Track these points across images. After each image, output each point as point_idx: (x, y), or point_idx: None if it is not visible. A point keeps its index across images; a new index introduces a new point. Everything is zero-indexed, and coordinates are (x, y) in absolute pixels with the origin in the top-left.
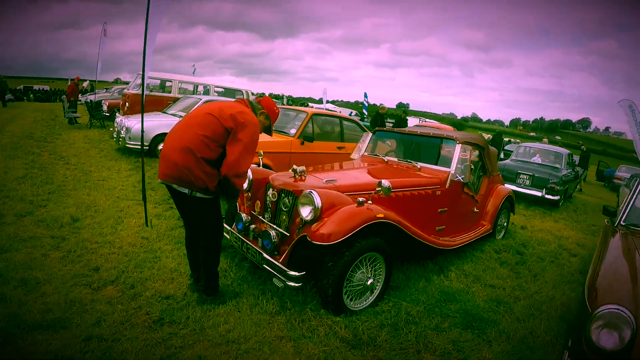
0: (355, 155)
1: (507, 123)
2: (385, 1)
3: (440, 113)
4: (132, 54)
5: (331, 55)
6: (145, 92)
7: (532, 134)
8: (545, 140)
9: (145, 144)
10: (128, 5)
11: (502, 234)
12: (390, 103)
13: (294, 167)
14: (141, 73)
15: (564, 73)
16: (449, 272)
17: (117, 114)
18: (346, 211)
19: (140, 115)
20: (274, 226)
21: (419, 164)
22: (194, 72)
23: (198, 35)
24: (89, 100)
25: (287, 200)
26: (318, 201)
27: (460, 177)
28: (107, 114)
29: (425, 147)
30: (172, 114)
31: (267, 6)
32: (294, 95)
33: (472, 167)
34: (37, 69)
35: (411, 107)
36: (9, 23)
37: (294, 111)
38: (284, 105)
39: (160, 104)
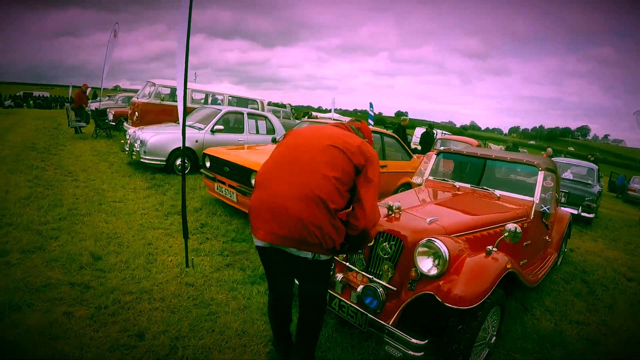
0: (418, 179)
1: (505, 131)
2: (381, 9)
3: (439, 121)
4: (131, 62)
5: (329, 63)
6: (156, 101)
7: (531, 142)
8: (550, 149)
9: (161, 158)
10: (125, 15)
11: (560, 259)
12: (389, 111)
13: (389, 203)
14: (151, 81)
15: (562, 80)
16: (533, 309)
17: (124, 124)
18: (477, 264)
19: (156, 126)
20: (375, 279)
21: (497, 192)
22: (195, 80)
23: (197, 43)
24: (92, 109)
25: (387, 246)
26: (445, 252)
27: (545, 208)
28: (113, 124)
29: (499, 172)
30: (190, 126)
31: (265, 15)
32: (293, 104)
33: (557, 195)
34: (36, 75)
35: (410, 116)
36: (9, 30)
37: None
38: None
39: (171, 114)
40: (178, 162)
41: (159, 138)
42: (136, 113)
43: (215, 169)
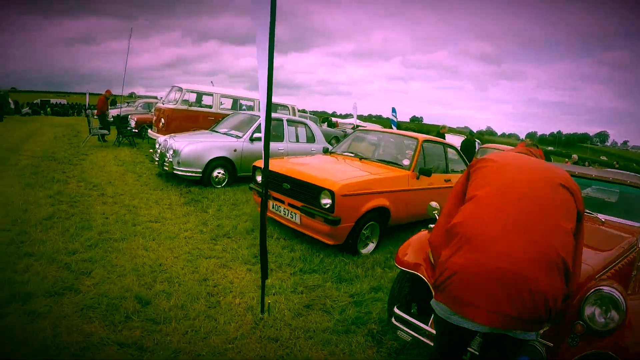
0: None
1: (522, 136)
2: (393, 15)
3: (455, 127)
4: (145, 69)
5: (343, 69)
6: (183, 107)
7: (549, 148)
8: (575, 156)
9: (197, 170)
10: (142, 21)
11: None
12: (404, 117)
13: None
14: (178, 86)
15: (577, 85)
16: None
17: (149, 131)
18: None
19: (188, 134)
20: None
21: (600, 216)
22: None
23: (211, 49)
24: (113, 115)
25: None
26: (623, 302)
27: None
28: (135, 131)
29: (600, 193)
30: (224, 133)
31: (279, 21)
32: (308, 109)
33: None
34: (52, 83)
35: (425, 121)
36: (25, 38)
37: (398, 136)
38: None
39: (198, 121)
40: (216, 173)
41: (194, 147)
42: (162, 120)
43: (271, 184)
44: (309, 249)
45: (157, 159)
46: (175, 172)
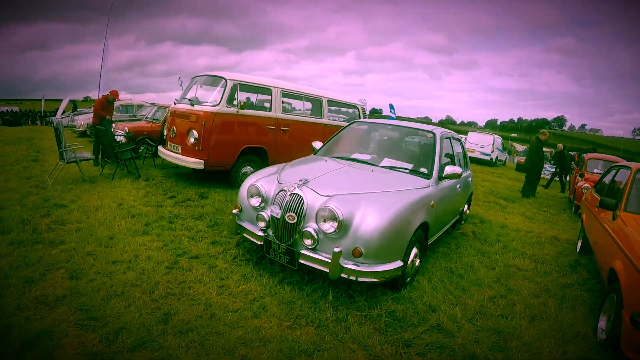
0: None
1: (481, 124)
2: (345, 10)
3: (415, 117)
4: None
5: (299, 64)
6: (230, 110)
7: (513, 135)
8: (560, 145)
9: (392, 266)
10: (95, 26)
11: None
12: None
13: None
14: (217, 75)
15: (530, 71)
16: None
17: (162, 150)
18: None
19: (296, 166)
20: None
21: None
22: (180, 85)
23: (166, 51)
24: (85, 126)
25: None
26: None
27: None
28: (127, 149)
29: None
30: (362, 161)
31: (232, 20)
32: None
33: None
34: (6, 91)
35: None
36: None
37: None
38: None
39: (250, 133)
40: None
41: (394, 214)
42: (191, 131)
43: None
44: None
45: (269, 236)
46: (342, 275)
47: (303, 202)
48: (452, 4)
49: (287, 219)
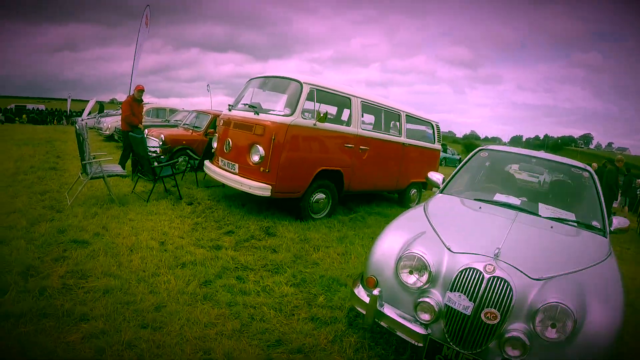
0: None
1: (505, 139)
2: (370, 22)
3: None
4: (126, 76)
5: (323, 75)
6: (306, 123)
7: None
8: (595, 165)
9: None
10: (123, 29)
11: None
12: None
13: None
14: (292, 79)
15: (553, 87)
16: None
17: (209, 166)
18: None
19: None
20: None
21: None
22: (209, 91)
23: (192, 57)
24: (113, 129)
25: None
26: None
27: None
28: (172, 168)
29: None
30: (484, 201)
31: (258, 29)
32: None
33: None
34: (33, 89)
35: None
36: (8, 44)
37: None
38: None
39: (330, 152)
40: None
41: (621, 304)
42: (258, 147)
43: None
44: None
45: (413, 326)
46: None
47: (511, 292)
48: (477, 18)
49: (483, 317)
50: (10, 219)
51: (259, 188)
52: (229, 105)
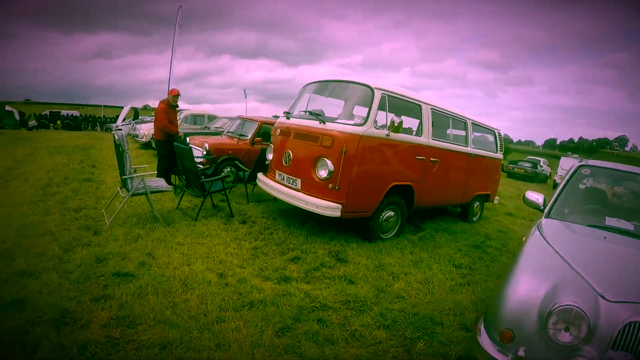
0: None
1: (538, 143)
2: (400, 26)
3: None
4: (159, 82)
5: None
6: (379, 134)
7: (574, 155)
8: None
9: None
10: (154, 37)
11: None
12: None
13: None
14: (365, 85)
15: (586, 88)
16: None
17: (263, 179)
18: None
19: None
20: None
21: None
22: (245, 97)
23: (223, 63)
24: (150, 136)
25: None
26: None
27: None
28: (223, 182)
29: None
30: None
31: (289, 35)
32: None
33: None
34: (67, 95)
35: None
36: (44, 53)
37: None
38: None
39: (405, 163)
40: None
41: None
42: (326, 161)
43: None
44: None
45: None
46: None
47: None
48: (506, 21)
49: None
50: (40, 242)
51: (327, 208)
52: (286, 112)
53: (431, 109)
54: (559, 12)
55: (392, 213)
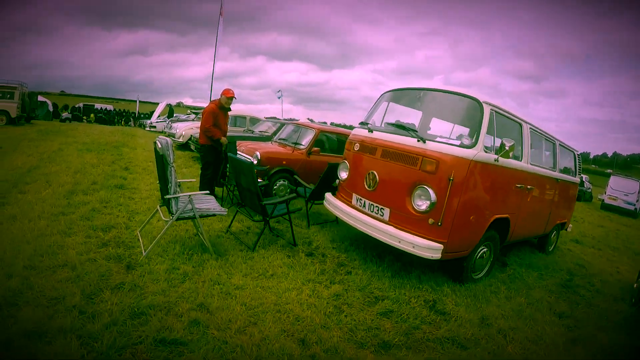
0: None
1: None
2: (434, 34)
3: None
4: (194, 80)
5: (386, 86)
6: (492, 160)
7: (608, 170)
8: None
9: None
10: (191, 37)
11: None
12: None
13: None
14: (477, 100)
15: (621, 102)
16: None
17: (331, 201)
18: None
19: None
20: None
21: None
22: (279, 98)
23: (257, 65)
24: (188, 137)
25: None
26: None
27: None
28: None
29: None
30: None
31: (323, 39)
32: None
33: None
34: (104, 90)
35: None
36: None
37: None
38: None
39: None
40: None
41: None
42: (428, 190)
43: None
44: None
45: None
46: None
47: None
48: (541, 31)
49: None
50: (57, 280)
51: (427, 249)
52: (362, 122)
53: (530, 128)
54: (598, 22)
55: (486, 249)
